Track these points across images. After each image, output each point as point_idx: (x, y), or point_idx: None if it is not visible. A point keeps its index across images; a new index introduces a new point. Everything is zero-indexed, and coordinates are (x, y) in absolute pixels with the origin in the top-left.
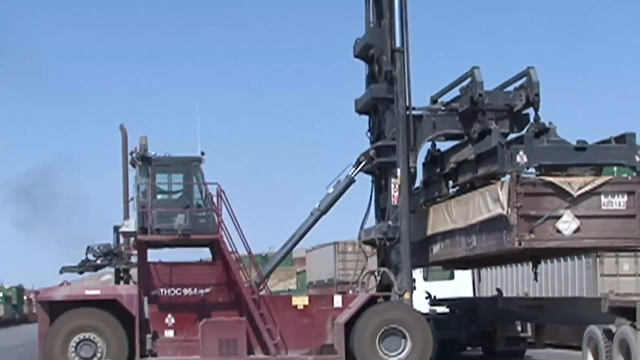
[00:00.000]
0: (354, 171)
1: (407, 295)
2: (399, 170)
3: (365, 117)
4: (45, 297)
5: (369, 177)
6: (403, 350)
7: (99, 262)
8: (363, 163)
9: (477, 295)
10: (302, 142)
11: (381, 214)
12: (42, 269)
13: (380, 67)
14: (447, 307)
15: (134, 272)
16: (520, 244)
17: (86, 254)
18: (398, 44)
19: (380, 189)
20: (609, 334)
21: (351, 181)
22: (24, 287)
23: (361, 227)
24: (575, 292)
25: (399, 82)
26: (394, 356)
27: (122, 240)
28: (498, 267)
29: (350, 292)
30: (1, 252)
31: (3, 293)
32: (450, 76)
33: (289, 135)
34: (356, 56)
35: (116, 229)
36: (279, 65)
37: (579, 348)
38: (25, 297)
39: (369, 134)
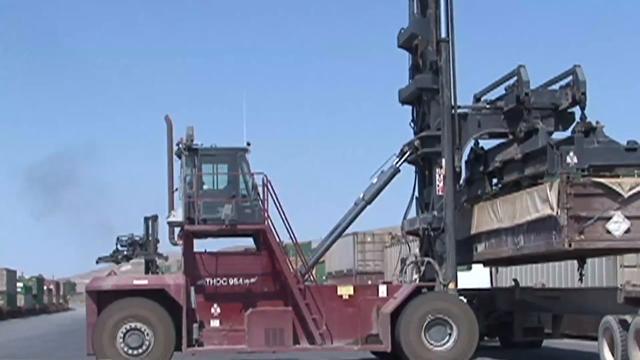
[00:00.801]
0: (398, 161)
1: (452, 285)
2: (443, 161)
3: (407, 108)
4: (94, 287)
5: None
6: (449, 340)
7: (125, 252)
8: (408, 153)
9: (494, 286)
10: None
11: (425, 205)
12: (60, 259)
13: (425, 58)
14: (465, 297)
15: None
16: (570, 245)
17: (116, 244)
18: (444, 34)
19: (424, 179)
20: (624, 325)
21: (396, 171)
22: (44, 277)
23: (404, 218)
24: (595, 283)
25: (444, 72)
26: (439, 346)
27: (166, 230)
28: None
29: (394, 282)
30: (20, 243)
31: (24, 283)
32: (495, 66)
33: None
34: (400, 46)
35: (146, 219)
36: (321, 56)
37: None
38: (45, 287)
39: (412, 124)
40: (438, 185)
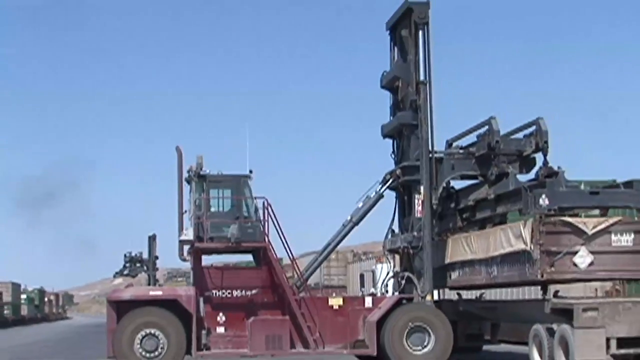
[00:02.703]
0: (381, 188)
1: (429, 297)
2: (422, 187)
3: (389, 141)
4: (114, 297)
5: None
6: (427, 345)
7: (129, 268)
8: (390, 181)
9: (441, 298)
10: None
11: (405, 227)
12: (57, 272)
13: (406, 97)
14: None
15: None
16: (542, 276)
17: (124, 260)
18: (422, 77)
19: (404, 204)
20: (551, 332)
21: (380, 196)
22: (45, 290)
23: (386, 237)
24: (532, 295)
25: (423, 110)
26: (419, 350)
27: (178, 248)
28: None
29: (378, 294)
30: (18, 255)
31: (27, 295)
32: (468, 104)
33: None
34: (383, 87)
35: (149, 238)
36: (315, 95)
37: None
38: (46, 299)
39: (393, 156)
40: (417, 209)
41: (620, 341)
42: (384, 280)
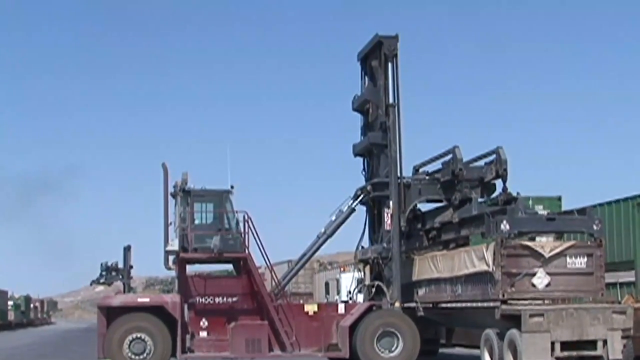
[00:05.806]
0: (353, 202)
1: (397, 304)
2: (391, 202)
3: (359, 160)
4: (105, 303)
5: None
6: (396, 348)
7: (105, 277)
8: (361, 196)
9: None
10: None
11: (374, 239)
12: (41, 280)
13: (376, 119)
14: None
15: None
16: (503, 295)
17: (100, 269)
18: (391, 100)
19: (374, 217)
20: (501, 336)
21: (352, 210)
22: (30, 297)
23: (357, 248)
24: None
25: (391, 131)
26: (389, 354)
27: (169, 259)
28: None
29: (350, 301)
30: (7, 264)
31: (14, 302)
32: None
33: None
34: (354, 109)
35: (124, 249)
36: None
37: None
38: (32, 305)
39: (363, 173)
40: (386, 222)
41: (563, 344)
42: (354, 289)
